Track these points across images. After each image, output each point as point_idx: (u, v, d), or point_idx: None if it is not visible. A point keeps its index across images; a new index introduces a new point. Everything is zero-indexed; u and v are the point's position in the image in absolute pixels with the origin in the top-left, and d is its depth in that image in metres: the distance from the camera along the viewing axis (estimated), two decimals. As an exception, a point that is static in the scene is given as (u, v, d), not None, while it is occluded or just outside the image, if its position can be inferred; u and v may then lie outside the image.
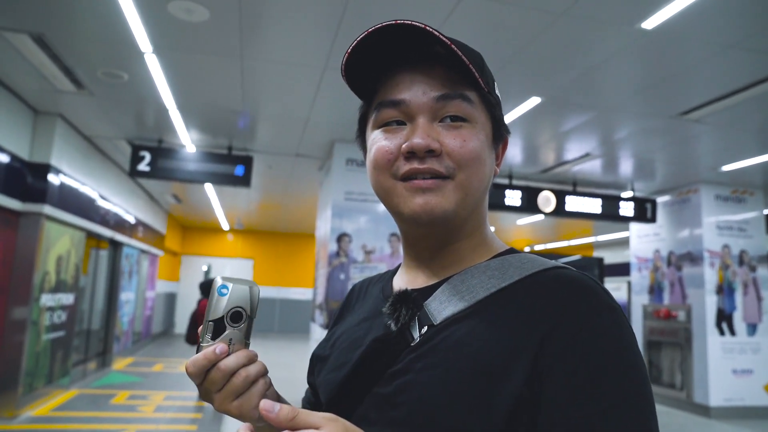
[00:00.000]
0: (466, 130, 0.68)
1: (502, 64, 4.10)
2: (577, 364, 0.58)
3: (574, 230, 12.92)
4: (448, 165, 0.67)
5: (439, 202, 0.67)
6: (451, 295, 0.68)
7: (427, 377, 0.62)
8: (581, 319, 0.59)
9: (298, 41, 3.90)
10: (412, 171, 0.67)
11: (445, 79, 0.68)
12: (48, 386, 6.08)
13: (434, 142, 0.66)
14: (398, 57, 0.70)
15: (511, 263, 0.69)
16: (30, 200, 5.52)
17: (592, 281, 0.64)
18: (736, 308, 7.32)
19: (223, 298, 0.61)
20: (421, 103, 0.68)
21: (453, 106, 0.68)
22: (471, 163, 0.68)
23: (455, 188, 0.67)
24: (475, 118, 0.69)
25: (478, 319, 0.64)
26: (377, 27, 0.67)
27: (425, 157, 0.67)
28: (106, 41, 4.01)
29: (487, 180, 0.72)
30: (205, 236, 15.84)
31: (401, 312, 0.69)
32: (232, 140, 6.43)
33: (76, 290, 6.74)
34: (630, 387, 0.57)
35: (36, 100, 5.40)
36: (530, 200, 7.15)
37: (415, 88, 0.69)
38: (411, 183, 0.67)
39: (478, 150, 0.68)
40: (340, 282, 6.16)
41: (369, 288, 0.88)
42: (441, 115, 0.68)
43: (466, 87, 0.69)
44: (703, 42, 3.63)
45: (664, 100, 4.63)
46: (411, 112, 0.69)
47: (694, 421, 6.82)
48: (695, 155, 6.30)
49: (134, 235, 9.47)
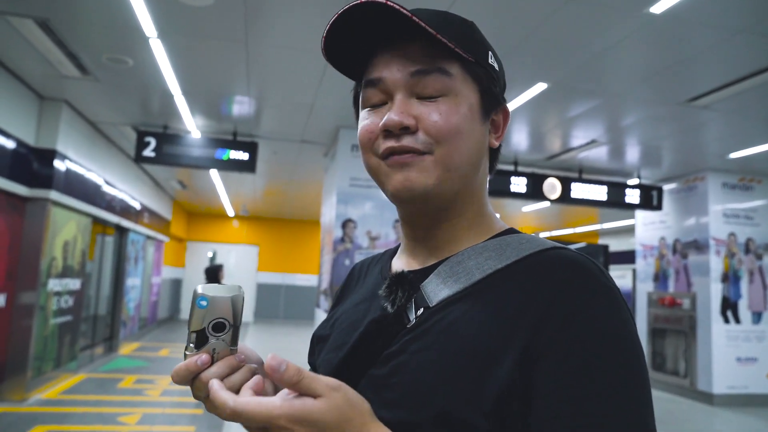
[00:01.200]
0: (444, 103, 0.66)
1: (508, 50, 4.07)
2: (569, 347, 0.57)
3: (579, 217, 12.89)
4: (425, 140, 0.66)
5: (417, 177, 0.66)
6: (447, 277, 0.68)
7: (420, 359, 0.62)
8: (576, 301, 0.58)
9: (303, 26, 3.88)
10: (388, 150, 0.67)
11: (422, 54, 0.67)
12: (56, 370, 6.15)
13: (408, 118, 0.65)
14: (379, 35, 0.69)
15: (509, 243, 0.68)
16: (36, 186, 5.55)
17: (590, 262, 0.63)
18: (742, 296, 7.31)
19: (202, 311, 0.59)
20: (396, 79, 0.67)
21: (430, 80, 0.66)
22: (449, 136, 0.66)
23: (435, 163, 0.66)
24: (455, 91, 0.67)
25: (473, 301, 0.64)
26: (344, 9, 0.65)
27: (401, 134, 0.66)
28: (110, 26, 4.00)
29: (475, 154, 0.70)
30: (211, 222, 15.89)
31: (397, 294, 0.69)
32: (237, 126, 6.42)
33: (83, 276, 6.79)
34: (624, 372, 0.56)
35: (41, 86, 5.40)
36: (536, 187, 7.12)
37: (392, 65, 0.68)
38: (390, 159, 0.67)
39: (457, 123, 0.66)
40: (345, 268, 6.17)
41: (369, 268, 0.88)
42: (419, 91, 0.67)
43: (445, 60, 0.67)
44: (711, 27, 3.58)
45: (671, 86, 4.59)
46: (389, 89, 0.68)
47: (697, 409, 6.84)
48: (702, 142, 6.26)
49: (140, 221, 9.51)
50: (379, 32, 0.69)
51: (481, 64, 0.70)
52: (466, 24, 0.71)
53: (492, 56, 0.73)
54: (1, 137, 5.00)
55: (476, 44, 0.70)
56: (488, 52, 0.72)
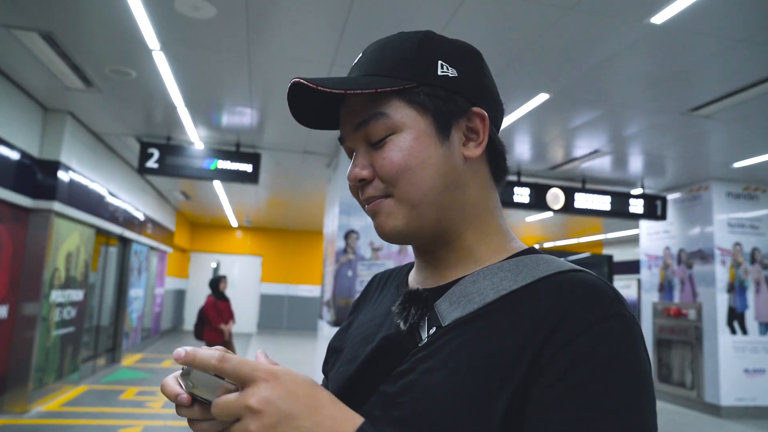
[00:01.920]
0: (388, 145, 0.68)
1: (509, 60, 4.07)
2: (568, 367, 0.55)
3: (583, 227, 12.84)
4: (380, 186, 0.69)
5: (386, 221, 0.69)
6: (461, 297, 0.67)
7: (429, 379, 0.62)
8: (584, 323, 0.56)
9: (305, 37, 3.90)
10: (361, 203, 0.72)
11: (360, 105, 0.69)
12: (58, 382, 6.13)
13: (363, 170, 0.69)
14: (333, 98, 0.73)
15: (526, 264, 0.67)
16: (40, 197, 5.57)
17: (607, 286, 0.61)
18: (748, 307, 7.24)
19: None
20: (352, 136, 0.71)
21: (372, 129, 0.68)
22: (399, 176, 0.67)
23: (396, 204, 0.68)
24: (399, 126, 0.67)
25: (485, 322, 0.63)
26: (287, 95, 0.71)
27: (363, 186, 0.70)
28: (113, 38, 4.02)
29: (439, 178, 0.67)
30: (214, 233, 15.91)
31: (410, 312, 0.69)
32: (240, 137, 6.44)
33: (86, 287, 6.79)
34: (623, 399, 0.53)
35: (45, 98, 5.44)
36: (539, 197, 7.10)
37: (345, 123, 0.72)
38: (366, 208, 0.72)
39: (401, 159, 0.66)
40: (348, 279, 6.16)
41: (388, 281, 0.88)
42: (369, 139, 0.69)
43: (383, 100, 0.67)
44: (713, 36, 3.58)
45: (674, 96, 4.58)
46: (351, 147, 0.73)
47: (704, 421, 6.76)
48: (706, 152, 6.24)
49: (143, 231, 9.53)
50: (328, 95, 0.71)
51: (426, 83, 0.67)
52: (410, 43, 0.70)
53: (444, 65, 0.69)
54: (6, 149, 5.03)
55: (417, 65, 0.68)
56: (437, 62, 0.69)
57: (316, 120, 0.77)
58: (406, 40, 0.71)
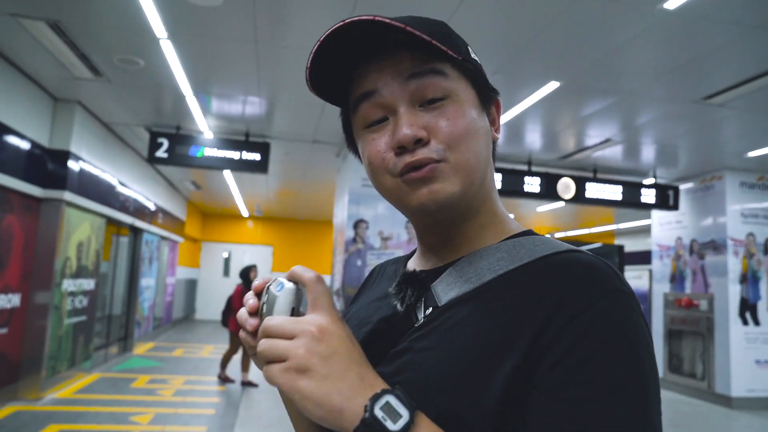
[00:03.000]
0: (449, 107, 0.65)
1: (519, 48, 4.02)
2: (571, 346, 0.55)
3: (594, 218, 12.75)
4: (439, 149, 0.64)
5: (442, 187, 0.64)
6: (457, 277, 0.67)
7: (425, 357, 0.62)
8: (585, 302, 0.56)
9: (313, 25, 3.87)
10: (406, 166, 0.64)
11: (412, 60, 0.65)
12: (70, 369, 6.21)
13: (420, 130, 0.63)
14: (362, 55, 0.67)
15: (523, 245, 0.67)
16: (50, 186, 5.61)
17: (605, 264, 0.61)
18: (761, 297, 7.16)
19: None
20: (394, 88, 0.65)
21: (427, 83, 0.65)
22: (462, 140, 0.64)
23: (453, 170, 0.64)
24: (455, 91, 0.66)
25: (481, 301, 0.63)
26: (329, 32, 0.63)
27: (415, 148, 0.64)
28: (121, 28, 4.02)
29: (485, 151, 0.69)
30: (225, 223, 15.99)
31: (407, 293, 0.69)
32: (250, 126, 6.44)
33: (97, 276, 6.85)
34: (627, 376, 0.54)
35: (55, 88, 5.46)
36: (550, 187, 7.04)
37: (384, 74, 0.66)
38: (408, 176, 0.65)
39: (467, 125, 0.65)
40: (357, 268, 6.16)
41: (387, 269, 0.89)
42: (420, 97, 0.65)
43: (437, 61, 0.65)
44: (727, 22, 3.50)
45: (687, 84, 4.50)
46: (387, 102, 0.66)
47: (715, 411, 6.72)
48: (719, 141, 6.14)
49: (154, 221, 9.59)
50: (359, 50, 0.67)
51: (468, 60, 0.69)
52: (442, 24, 0.69)
53: (471, 51, 0.72)
54: (16, 138, 5.06)
55: (457, 42, 0.69)
56: (468, 48, 0.71)
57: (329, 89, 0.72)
58: (436, 20, 0.70)
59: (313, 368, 0.54)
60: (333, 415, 0.54)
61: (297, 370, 0.55)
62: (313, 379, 0.54)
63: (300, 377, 0.54)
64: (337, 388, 0.54)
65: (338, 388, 0.54)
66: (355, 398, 0.54)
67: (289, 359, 0.55)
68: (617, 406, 0.53)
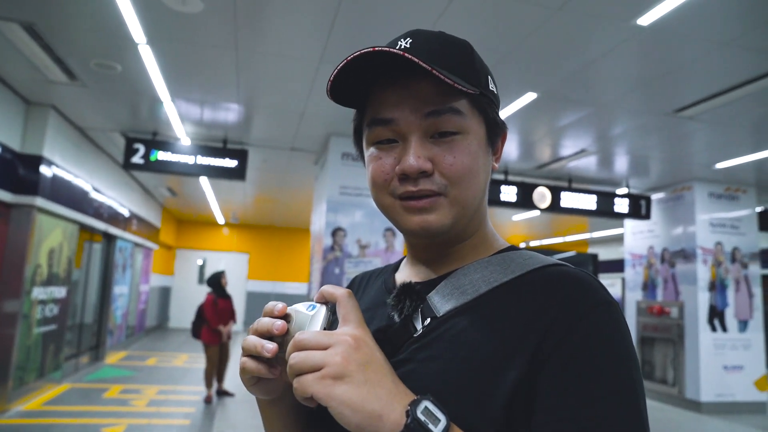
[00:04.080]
0: (457, 143, 0.68)
1: (498, 59, 4.09)
2: (571, 354, 0.59)
3: (569, 226, 12.95)
4: (440, 183, 0.67)
5: (435, 219, 0.68)
6: (454, 289, 0.70)
7: (428, 367, 0.64)
8: (579, 313, 0.61)
9: (294, 33, 3.88)
10: (407, 193, 0.68)
11: (432, 94, 0.67)
12: (39, 380, 6.05)
13: (426, 163, 0.66)
14: (383, 73, 0.69)
15: (513, 259, 0.70)
16: (21, 192, 5.48)
17: (591, 278, 0.65)
18: (728, 305, 7.36)
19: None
20: (411, 121, 0.67)
21: (443, 121, 0.67)
22: (463, 178, 0.68)
23: (450, 204, 0.68)
24: (467, 129, 0.68)
25: (480, 312, 0.66)
26: (358, 54, 0.65)
27: (418, 178, 0.67)
28: (99, 32, 3.97)
29: (483, 185, 0.73)
30: (201, 230, 15.79)
31: (405, 303, 0.71)
32: (227, 133, 6.40)
33: (69, 283, 6.70)
34: (623, 377, 0.58)
35: (28, 91, 5.35)
36: (526, 196, 7.15)
37: (403, 105, 0.68)
38: (407, 203, 0.69)
39: (470, 164, 0.68)
40: (335, 276, 6.14)
41: (370, 280, 0.90)
42: (432, 131, 0.68)
43: (455, 97, 0.67)
44: (698, 39, 3.62)
45: (659, 96, 4.63)
46: (401, 131, 0.68)
47: (685, 417, 6.86)
48: (689, 152, 6.32)
49: (128, 228, 9.43)
50: (384, 70, 0.69)
51: (485, 94, 0.70)
52: (465, 49, 0.71)
53: (491, 81, 0.73)
54: (-13, 143, 4.94)
55: (478, 72, 0.70)
56: (488, 77, 0.73)
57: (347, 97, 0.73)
58: (459, 43, 0.72)
59: (351, 375, 0.55)
60: (372, 421, 0.54)
61: (334, 377, 0.55)
62: (351, 385, 0.55)
63: (337, 384, 0.55)
64: (376, 393, 0.55)
65: (377, 393, 0.55)
66: (393, 404, 0.55)
67: (326, 367, 0.56)
68: (616, 406, 0.57)
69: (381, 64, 0.67)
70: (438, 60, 0.66)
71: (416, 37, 0.69)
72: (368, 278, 0.91)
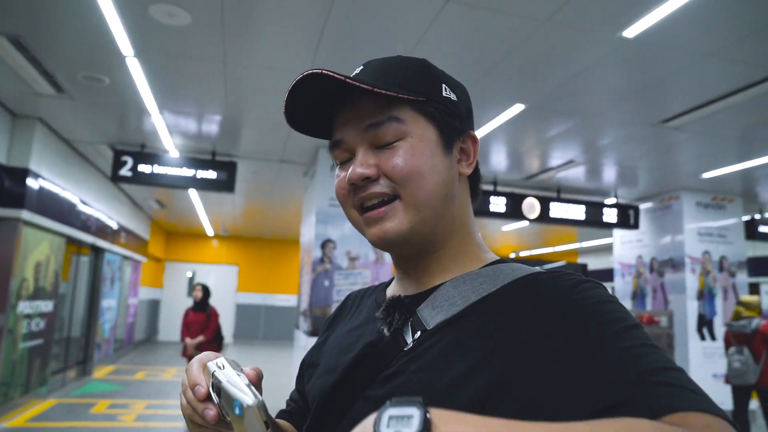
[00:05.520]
0: (400, 147, 0.70)
1: (485, 70, 4.12)
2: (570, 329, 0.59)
3: (558, 236, 13.00)
4: (388, 185, 0.70)
5: (392, 226, 0.70)
6: (443, 301, 0.70)
7: (417, 379, 0.64)
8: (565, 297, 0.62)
9: (282, 46, 3.88)
10: (359, 200, 0.71)
11: (371, 108, 0.70)
12: (24, 396, 5.95)
13: (368, 169, 0.70)
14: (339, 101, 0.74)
15: (502, 270, 0.71)
16: (7, 205, 5.42)
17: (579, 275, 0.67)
18: (717, 313, 7.40)
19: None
20: (354, 136, 0.72)
21: (383, 130, 0.70)
22: (410, 178, 0.69)
23: (405, 207, 0.70)
24: (410, 133, 0.70)
25: (469, 319, 0.66)
26: (291, 86, 0.70)
27: (365, 185, 0.70)
28: (86, 44, 3.96)
29: (443, 187, 0.72)
30: (190, 242, 15.69)
31: (394, 317, 0.71)
32: (216, 145, 6.38)
33: (56, 297, 6.62)
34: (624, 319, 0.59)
35: (14, 104, 5.32)
36: (515, 206, 7.17)
37: (348, 125, 0.72)
38: (366, 215, 0.72)
39: (414, 163, 0.69)
40: (324, 288, 6.12)
41: (363, 298, 0.91)
42: (376, 142, 0.71)
43: (396, 106, 0.70)
44: (682, 51, 3.67)
45: (645, 107, 4.68)
46: (350, 147, 0.73)
47: (676, 427, 6.86)
48: (676, 162, 6.38)
49: (116, 241, 9.35)
50: (333, 94, 0.72)
51: (435, 99, 0.73)
52: (415, 65, 0.75)
53: (447, 89, 0.75)
54: (-28, 156, 4.89)
55: (427, 82, 0.73)
56: (441, 85, 0.75)
57: (304, 123, 0.78)
58: (410, 60, 0.76)
59: None
60: None
61: None
62: None
63: None
64: None
65: None
66: None
67: None
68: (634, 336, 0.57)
69: (335, 92, 0.71)
70: (382, 77, 0.71)
71: (368, 65, 0.75)
72: (362, 296, 0.92)
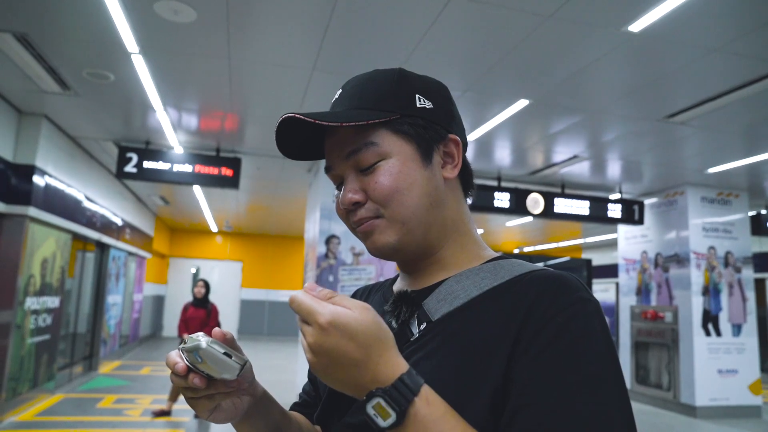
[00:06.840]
0: (380, 169, 0.74)
1: (489, 67, 4.12)
2: (547, 343, 0.62)
3: (562, 232, 12.98)
4: (373, 208, 0.75)
5: (379, 239, 0.75)
6: (447, 294, 0.74)
7: (424, 365, 0.67)
8: (555, 307, 0.64)
9: (286, 42, 3.89)
10: (353, 224, 0.78)
11: (350, 135, 0.75)
12: (33, 391, 6.00)
13: (356, 194, 0.75)
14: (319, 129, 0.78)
15: (503, 266, 0.75)
16: (14, 202, 5.45)
17: (572, 278, 0.69)
18: (722, 309, 7.39)
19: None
20: (339, 164, 0.77)
21: (362, 156, 0.74)
22: (390, 197, 0.74)
23: (388, 223, 0.75)
24: (388, 154, 0.74)
25: (471, 312, 0.70)
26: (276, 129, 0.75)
27: (355, 209, 0.76)
28: (91, 41, 3.97)
29: (426, 198, 0.76)
30: (194, 238, 15.74)
31: (402, 310, 0.76)
32: (221, 142, 6.39)
33: (62, 293, 6.66)
34: (593, 370, 0.60)
35: (20, 101, 5.34)
36: (519, 202, 7.17)
37: (334, 153, 0.78)
38: (357, 230, 0.78)
39: (392, 183, 0.73)
40: (329, 284, 6.13)
41: (370, 294, 0.96)
42: (359, 166, 0.76)
43: (371, 131, 0.74)
44: (688, 45, 3.66)
45: (650, 102, 4.67)
46: (339, 173, 0.79)
47: (680, 421, 6.87)
48: (681, 158, 6.36)
49: (121, 237, 9.38)
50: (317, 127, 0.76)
51: (408, 114, 0.76)
52: (389, 81, 0.78)
53: (421, 98, 0.78)
54: (-21, 153, 4.91)
55: (398, 98, 0.76)
56: (415, 96, 0.77)
57: (300, 152, 0.83)
58: (384, 76, 0.79)
59: (312, 361, 0.61)
60: None
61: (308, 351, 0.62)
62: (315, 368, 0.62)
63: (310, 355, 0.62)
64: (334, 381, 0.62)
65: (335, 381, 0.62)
66: None
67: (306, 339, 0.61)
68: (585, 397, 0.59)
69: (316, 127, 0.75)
70: (357, 100, 0.76)
71: (345, 86, 0.80)
72: (368, 292, 0.97)
